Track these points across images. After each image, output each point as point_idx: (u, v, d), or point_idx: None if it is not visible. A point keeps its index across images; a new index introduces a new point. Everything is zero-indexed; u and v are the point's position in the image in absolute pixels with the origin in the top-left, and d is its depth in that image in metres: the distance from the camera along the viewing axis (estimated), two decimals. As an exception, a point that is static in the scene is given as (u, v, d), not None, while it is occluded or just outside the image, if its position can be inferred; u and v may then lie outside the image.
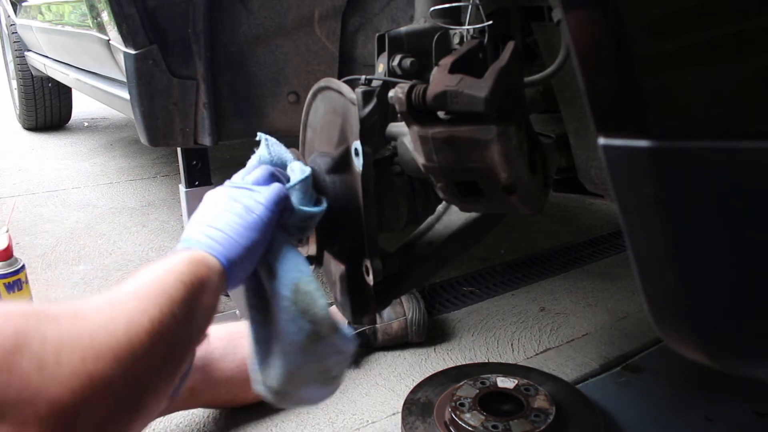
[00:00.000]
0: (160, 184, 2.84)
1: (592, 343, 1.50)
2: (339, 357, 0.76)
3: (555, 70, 0.86)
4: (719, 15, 0.43)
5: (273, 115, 1.39)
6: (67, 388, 0.48)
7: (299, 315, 0.71)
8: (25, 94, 3.73)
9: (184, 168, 1.67)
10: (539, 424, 1.11)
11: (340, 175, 0.86)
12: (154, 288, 0.59)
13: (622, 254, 2.01)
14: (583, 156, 0.97)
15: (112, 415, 0.52)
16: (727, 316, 0.50)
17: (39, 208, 2.53)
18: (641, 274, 0.52)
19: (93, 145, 3.63)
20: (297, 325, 0.71)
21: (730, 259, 0.47)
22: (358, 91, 0.81)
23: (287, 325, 0.71)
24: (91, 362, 0.50)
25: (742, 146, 0.43)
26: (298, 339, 0.71)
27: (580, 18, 0.48)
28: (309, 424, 1.23)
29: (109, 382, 0.51)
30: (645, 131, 0.46)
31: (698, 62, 0.44)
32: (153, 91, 1.29)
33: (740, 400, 1.26)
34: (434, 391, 1.26)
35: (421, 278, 1.03)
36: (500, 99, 0.67)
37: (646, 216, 0.49)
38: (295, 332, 0.71)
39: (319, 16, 1.31)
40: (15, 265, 1.41)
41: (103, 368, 0.50)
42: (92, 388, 0.49)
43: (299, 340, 0.71)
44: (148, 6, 1.23)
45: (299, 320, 0.71)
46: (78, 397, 0.48)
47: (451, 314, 1.65)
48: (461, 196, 0.79)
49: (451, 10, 0.89)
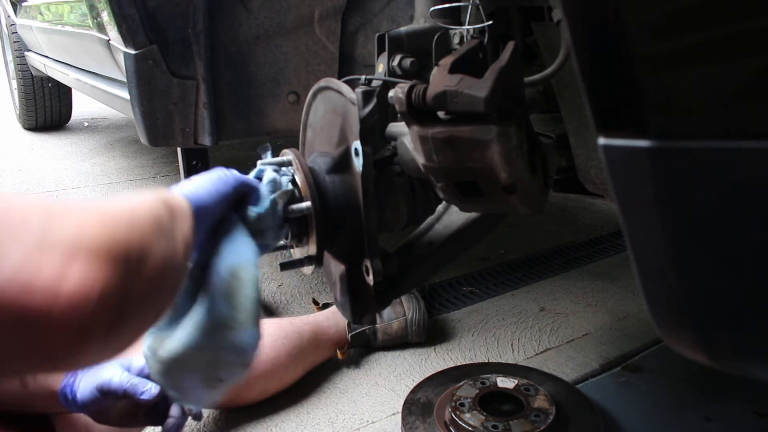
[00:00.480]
0: (160, 184, 2.84)
1: (592, 343, 1.50)
2: (234, 358, 0.73)
3: (555, 70, 0.86)
4: (719, 15, 0.43)
5: (273, 115, 1.39)
6: (102, 239, 0.49)
7: (223, 297, 0.70)
8: (25, 94, 3.73)
9: (184, 168, 1.67)
10: (539, 424, 1.11)
11: (340, 175, 0.86)
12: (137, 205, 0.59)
13: (622, 254, 2.01)
14: (583, 156, 0.97)
15: (143, 288, 0.53)
16: (727, 316, 0.50)
17: (39, 208, 2.52)
18: (641, 274, 0.52)
19: (93, 145, 3.63)
20: (217, 305, 0.70)
21: (730, 259, 0.47)
22: (358, 91, 0.81)
23: (208, 303, 0.70)
24: (114, 228, 0.51)
25: (742, 146, 0.43)
26: (209, 319, 0.70)
27: (580, 18, 0.48)
28: (309, 424, 1.23)
29: (133, 249, 0.52)
30: (645, 131, 0.46)
31: (698, 62, 0.44)
32: (153, 91, 1.29)
33: (740, 400, 1.26)
34: (434, 391, 1.26)
35: (421, 278, 1.03)
36: (500, 99, 0.67)
37: (646, 216, 0.49)
38: (210, 311, 0.70)
39: (319, 16, 1.31)
40: (15, 265, 1.41)
41: (139, 241, 0.52)
42: (120, 247, 0.50)
43: (209, 320, 0.70)
44: (148, 6, 1.23)
45: (221, 302, 0.70)
46: (116, 244, 0.50)
47: (451, 314, 1.65)
48: (461, 196, 0.79)
49: (451, 10, 0.89)
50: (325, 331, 1.40)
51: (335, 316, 1.44)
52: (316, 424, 1.24)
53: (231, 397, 1.23)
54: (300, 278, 1.85)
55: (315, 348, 1.37)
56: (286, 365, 1.30)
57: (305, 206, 0.83)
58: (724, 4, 0.42)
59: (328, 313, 1.46)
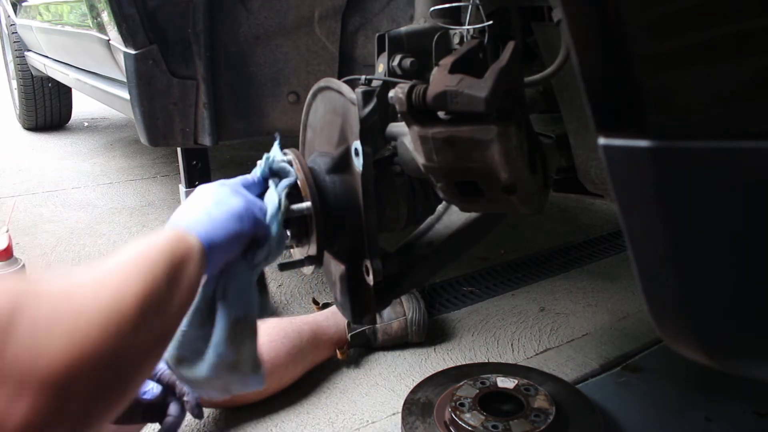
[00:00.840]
0: (160, 184, 2.84)
1: (592, 343, 1.50)
2: (243, 388, 0.82)
3: (555, 70, 0.86)
4: (719, 15, 0.43)
5: (273, 115, 1.39)
6: (59, 362, 0.50)
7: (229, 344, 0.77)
8: (25, 94, 3.73)
9: (184, 168, 1.67)
10: (539, 424, 1.11)
11: (340, 175, 0.86)
12: (138, 263, 0.61)
13: (622, 254, 2.01)
14: (583, 156, 0.97)
15: (101, 389, 0.54)
16: (727, 316, 0.50)
17: (39, 208, 2.53)
18: (641, 274, 0.52)
19: (93, 145, 3.63)
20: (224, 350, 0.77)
21: (730, 259, 0.47)
22: (358, 91, 0.81)
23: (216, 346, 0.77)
24: (80, 339, 0.52)
25: (742, 146, 0.43)
26: (217, 360, 0.77)
27: (580, 18, 0.48)
28: (309, 424, 1.24)
29: (97, 358, 0.53)
30: (645, 131, 0.46)
31: (698, 62, 0.44)
32: (153, 91, 1.29)
33: (740, 400, 1.26)
34: (434, 391, 1.26)
35: (421, 278, 1.03)
36: (500, 99, 0.67)
37: (646, 216, 0.49)
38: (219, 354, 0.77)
39: (319, 16, 1.31)
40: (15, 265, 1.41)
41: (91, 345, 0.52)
42: (81, 363, 0.51)
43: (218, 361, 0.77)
44: (148, 6, 1.23)
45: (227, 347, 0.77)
46: (68, 371, 0.50)
47: (451, 314, 1.65)
48: (461, 196, 0.79)
49: (451, 10, 0.89)
50: (324, 331, 1.40)
51: (335, 316, 1.44)
52: (316, 424, 1.24)
53: (230, 397, 1.23)
54: (300, 278, 1.85)
55: (314, 348, 1.37)
56: (286, 365, 1.30)
57: (305, 206, 0.83)
58: (724, 4, 0.42)
59: (327, 313, 1.46)
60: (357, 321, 0.94)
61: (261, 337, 1.35)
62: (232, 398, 1.23)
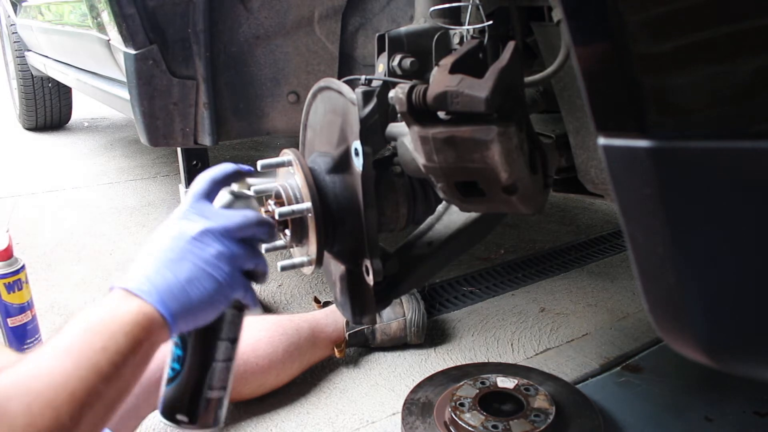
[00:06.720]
0: (160, 184, 2.84)
1: (592, 343, 1.50)
2: None
3: (555, 70, 0.86)
4: (719, 15, 0.43)
5: (273, 115, 1.39)
6: None
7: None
8: (25, 94, 3.73)
9: (184, 168, 1.67)
10: (539, 424, 1.11)
11: (340, 175, 0.86)
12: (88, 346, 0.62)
13: (622, 254, 2.01)
14: (583, 156, 0.97)
15: None
16: (727, 316, 0.50)
17: (39, 208, 2.53)
18: (641, 274, 0.52)
19: (93, 145, 3.63)
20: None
21: (730, 259, 0.47)
22: (358, 91, 0.81)
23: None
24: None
25: (742, 146, 0.43)
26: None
27: (580, 18, 0.48)
28: (309, 424, 1.24)
29: None
30: (645, 131, 0.46)
31: (698, 62, 0.44)
32: (153, 91, 1.29)
33: (740, 400, 1.26)
34: (434, 391, 1.26)
35: (421, 278, 1.03)
36: (500, 99, 0.67)
37: (646, 216, 0.49)
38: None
39: (319, 16, 1.31)
40: (15, 265, 1.41)
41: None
42: None
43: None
44: (148, 6, 1.23)
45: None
46: None
47: (451, 314, 1.65)
48: (461, 197, 0.79)
49: (451, 10, 0.89)
50: (323, 329, 1.40)
51: (334, 315, 1.44)
52: (316, 424, 1.24)
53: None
54: (300, 278, 1.85)
55: (313, 345, 1.37)
56: (283, 361, 1.30)
57: (305, 207, 0.83)
58: (724, 4, 0.42)
59: (326, 311, 1.46)
60: (357, 321, 0.94)
61: (259, 332, 1.35)
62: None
